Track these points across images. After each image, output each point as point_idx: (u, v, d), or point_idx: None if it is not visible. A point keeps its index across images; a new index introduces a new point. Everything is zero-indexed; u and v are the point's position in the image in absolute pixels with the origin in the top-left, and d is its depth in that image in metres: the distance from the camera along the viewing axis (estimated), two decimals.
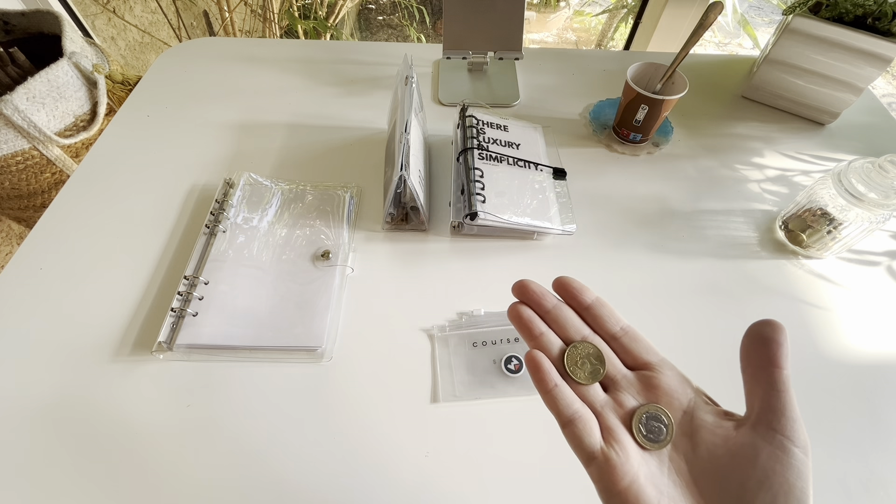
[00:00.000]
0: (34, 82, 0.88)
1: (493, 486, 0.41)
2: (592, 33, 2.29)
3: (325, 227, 0.56)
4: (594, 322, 0.27)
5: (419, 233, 0.57)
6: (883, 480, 0.41)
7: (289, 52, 0.81)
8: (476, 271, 0.54)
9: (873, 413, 0.45)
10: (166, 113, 0.70)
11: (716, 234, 0.58)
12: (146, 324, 0.48)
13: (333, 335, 0.48)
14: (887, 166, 0.47)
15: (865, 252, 0.57)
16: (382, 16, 2.19)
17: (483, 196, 0.53)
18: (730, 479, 0.22)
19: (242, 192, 0.57)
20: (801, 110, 0.72)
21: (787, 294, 0.53)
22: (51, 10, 1.02)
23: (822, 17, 0.64)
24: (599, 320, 0.27)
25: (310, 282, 0.51)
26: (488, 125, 0.62)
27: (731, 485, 0.22)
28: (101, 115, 0.99)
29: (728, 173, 0.65)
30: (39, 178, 0.99)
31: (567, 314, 0.27)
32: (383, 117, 0.69)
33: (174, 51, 0.80)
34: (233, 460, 0.41)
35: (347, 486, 0.40)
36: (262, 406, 0.44)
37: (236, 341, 0.46)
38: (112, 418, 0.43)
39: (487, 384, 0.46)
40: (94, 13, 1.40)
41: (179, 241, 0.55)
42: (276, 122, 0.69)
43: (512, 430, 0.43)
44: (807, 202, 0.55)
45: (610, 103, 0.72)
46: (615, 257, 0.55)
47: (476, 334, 0.48)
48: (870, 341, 0.50)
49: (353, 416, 0.44)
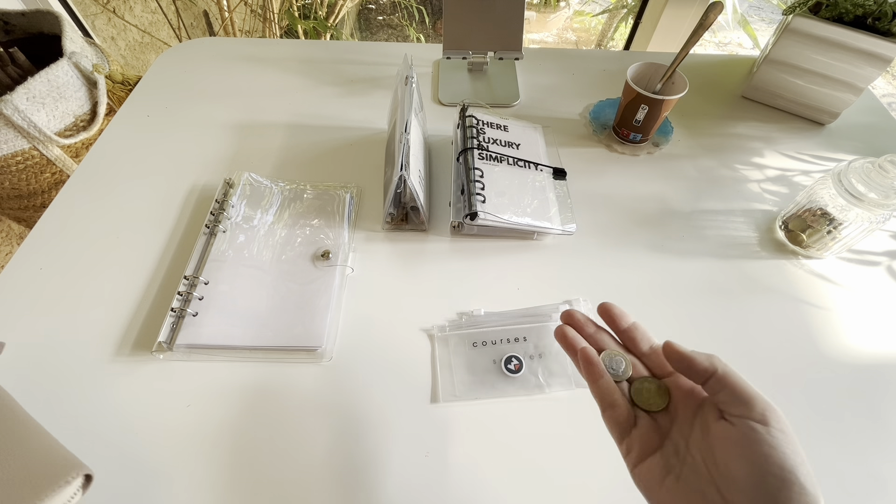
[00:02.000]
0: (34, 82, 0.88)
1: (493, 485, 0.41)
2: (592, 33, 2.29)
3: (325, 226, 0.56)
4: (629, 343, 0.32)
5: (419, 233, 0.57)
6: (883, 480, 0.41)
7: (289, 52, 0.81)
8: (476, 271, 0.54)
9: (873, 413, 0.45)
10: (166, 113, 0.70)
11: (716, 234, 0.58)
12: (146, 324, 0.48)
13: (333, 335, 0.48)
14: (887, 166, 0.47)
15: (865, 252, 0.57)
16: (382, 16, 2.19)
17: (483, 196, 0.53)
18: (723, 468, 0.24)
19: (242, 192, 0.57)
20: (801, 110, 0.72)
21: (787, 294, 0.53)
22: (51, 10, 1.02)
23: (822, 17, 0.64)
24: (633, 342, 0.32)
25: (310, 282, 0.51)
26: (488, 125, 0.62)
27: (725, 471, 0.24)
28: (101, 115, 0.99)
29: (728, 173, 0.65)
30: (39, 178, 0.99)
31: (605, 338, 0.32)
32: (383, 117, 0.69)
33: (174, 51, 0.80)
34: (233, 460, 0.41)
35: (347, 486, 0.40)
36: (262, 406, 0.44)
37: (236, 341, 0.46)
38: (112, 418, 0.43)
39: (487, 384, 0.46)
40: (94, 13, 1.40)
41: (179, 241, 0.55)
42: (276, 122, 0.69)
43: (512, 429, 0.43)
44: (807, 202, 0.54)
45: (610, 103, 0.72)
46: (615, 257, 0.55)
47: (476, 334, 0.48)
48: (870, 341, 0.50)
49: (353, 415, 0.44)
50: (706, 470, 0.25)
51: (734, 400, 0.25)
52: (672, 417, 0.28)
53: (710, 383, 0.26)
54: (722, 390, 0.26)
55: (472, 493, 0.40)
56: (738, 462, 0.24)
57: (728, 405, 0.25)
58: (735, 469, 0.24)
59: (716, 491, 0.24)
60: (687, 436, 0.27)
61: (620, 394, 0.29)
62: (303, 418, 0.43)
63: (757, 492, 0.23)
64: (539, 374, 0.46)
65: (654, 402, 0.29)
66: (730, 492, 0.24)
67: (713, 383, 0.26)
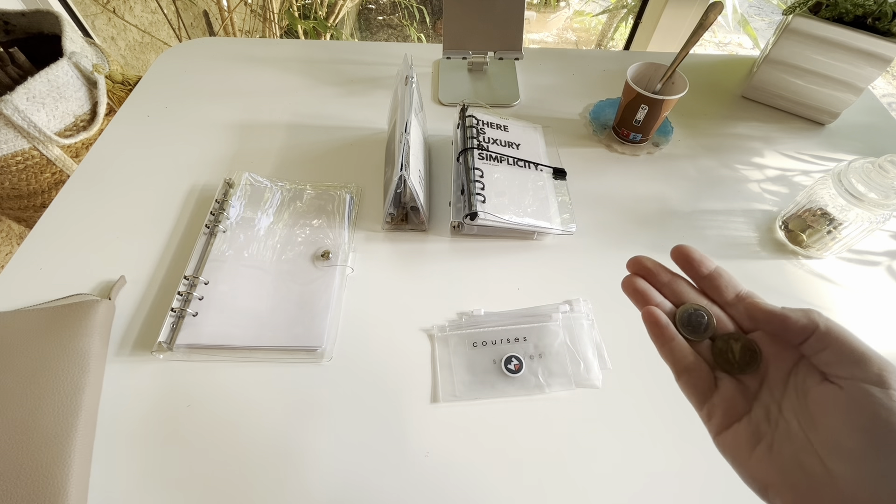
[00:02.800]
0: (34, 82, 0.88)
1: (493, 485, 0.41)
2: (592, 33, 2.29)
3: (325, 227, 0.56)
4: (712, 291, 0.28)
5: (419, 233, 0.57)
6: None
7: (289, 52, 0.81)
8: (476, 271, 0.54)
9: None
10: (166, 113, 0.70)
11: (716, 234, 0.58)
12: (146, 324, 0.48)
13: (333, 335, 0.48)
14: (887, 166, 0.47)
15: (865, 252, 0.57)
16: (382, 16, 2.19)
17: (483, 196, 0.53)
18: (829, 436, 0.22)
19: (242, 192, 0.57)
20: (801, 110, 0.72)
21: (787, 294, 0.53)
22: (51, 10, 1.02)
23: (822, 17, 0.64)
24: (717, 290, 0.27)
25: (310, 282, 0.51)
26: (488, 125, 0.62)
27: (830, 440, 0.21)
28: (101, 115, 0.99)
29: (728, 173, 0.65)
30: (39, 178, 0.99)
31: (683, 286, 0.28)
32: (383, 117, 0.69)
33: (174, 51, 0.80)
34: (233, 460, 0.41)
35: (347, 486, 0.40)
36: (262, 406, 0.44)
37: (236, 341, 0.46)
38: (112, 418, 0.43)
39: (487, 384, 0.46)
40: (94, 13, 1.40)
41: (179, 241, 0.55)
42: (276, 122, 0.69)
43: (512, 429, 0.43)
44: (807, 202, 0.55)
45: (610, 103, 0.72)
46: (615, 257, 0.55)
47: (476, 334, 0.48)
48: (870, 341, 0.50)
49: (353, 416, 0.44)
50: (805, 437, 0.22)
51: (842, 359, 0.22)
52: (762, 378, 0.25)
53: (809, 342, 0.23)
54: (826, 349, 0.23)
55: (472, 493, 0.40)
56: (849, 430, 0.20)
57: (834, 366, 0.22)
58: (845, 438, 0.21)
59: (818, 461, 0.21)
60: (780, 399, 0.24)
61: (696, 356, 0.26)
62: (303, 418, 0.43)
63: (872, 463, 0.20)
64: (539, 374, 0.46)
65: (740, 364, 0.25)
66: (837, 463, 0.21)
67: (814, 342, 0.23)
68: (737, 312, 0.27)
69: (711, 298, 0.28)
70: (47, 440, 0.38)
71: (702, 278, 0.28)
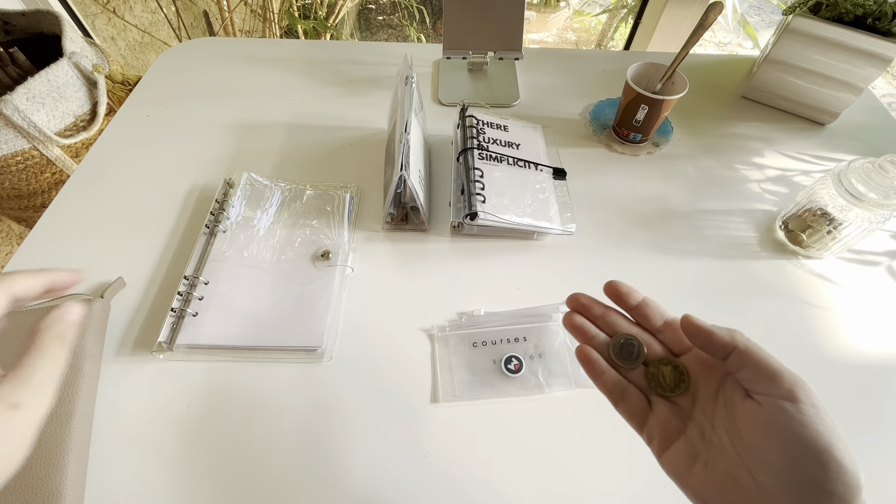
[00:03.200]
0: (34, 82, 0.88)
1: (493, 485, 0.41)
2: (592, 33, 2.29)
3: (325, 226, 0.56)
4: (642, 320, 0.30)
5: (419, 233, 0.57)
6: (883, 480, 0.41)
7: (289, 52, 0.81)
8: (476, 271, 0.54)
9: (873, 413, 0.45)
10: (166, 113, 0.70)
11: (716, 234, 0.58)
12: (146, 324, 0.48)
13: (333, 335, 0.48)
14: (887, 166, 0.47)
15: (865, 252, 0.57)
16: (382, 16, 2.19)
17: (483, 196, 0.53)
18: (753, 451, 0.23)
19: (242, 192, 0.57)
20: (801, 110, 0.72)
21: (787, 294, 0.53)
22: (51, 10, 1.02)
23: (822, 17, 0.64)
24: (646, 318, 0.29)
25: (310, 282, 0.51)
26: (488, 125, 0.62)
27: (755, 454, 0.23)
28: (101, 115, 0.99)
29: (728, 173, 0.65)
30: (39, 178, 0.99)
31: (615, 317, 0.30)
32: (383, 117, 0.69)
33: (174, 51, 0.80)
34: (233, 460, 0.41)
35: (347, 486, 0.40)
36: (262, 406, 0.44)
37: (236, 341, 0.46)
38: (112, 418, 0.43)
39: (487, 384, 0.46)
40: (94, 13, 1.40)
41: (179, 241, 0.55)
42: (276, 122, 0.69)
43: (512, 429, 0.43)
44: (807, 202, 0.54)
45: (610, 103, 0.72)
46: (615, 257, 0.55)
47: (476, 334, 0.48)
48: (870, 341, 0.50)
49: (353, 415, 0.44)
50: (735, 452, 0.23)
51: (758, 376, 0.23)
52: (693, 398, 0.27)
53: (731, 359, 0.25)
54: (745, 366, 0.24)
55: (472, 493, 0.40)
56: (768, 444, 0.22)
57: (752, 382, 0.24)
58: (765, 452, 0.22)
59: (748, 475, 0.22)
60: (711, 416, 0.25)
61: (628, 384, 0.28)
62: (303, 418, 0.43)
63: (791, 475, 0.21)
64: (539, 374, 0.46)
65: (670, 386, 0.27)
66: (762, 475, 0.22)
67: (734, 359, 0.24)
68: (666, 338, 0.29)
69: (642, 327, 0.30)
70: (42, 441, 0.38)
71: (632, 309, 0.30)
